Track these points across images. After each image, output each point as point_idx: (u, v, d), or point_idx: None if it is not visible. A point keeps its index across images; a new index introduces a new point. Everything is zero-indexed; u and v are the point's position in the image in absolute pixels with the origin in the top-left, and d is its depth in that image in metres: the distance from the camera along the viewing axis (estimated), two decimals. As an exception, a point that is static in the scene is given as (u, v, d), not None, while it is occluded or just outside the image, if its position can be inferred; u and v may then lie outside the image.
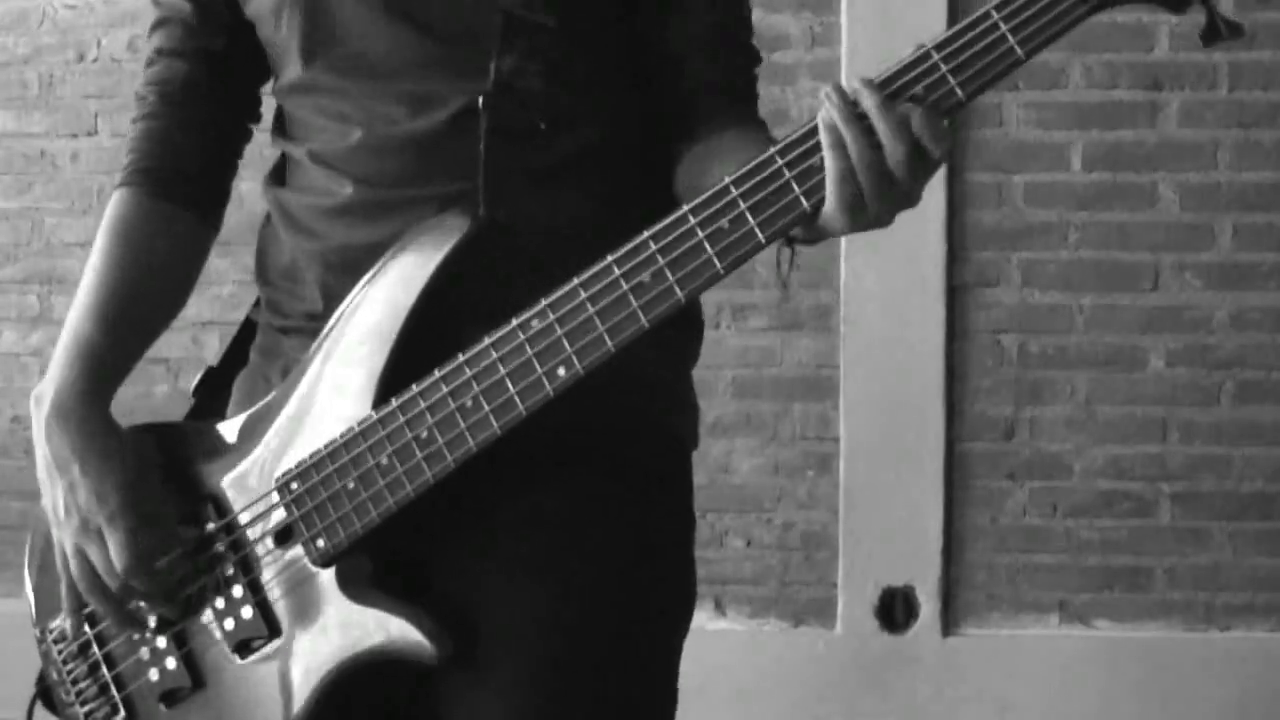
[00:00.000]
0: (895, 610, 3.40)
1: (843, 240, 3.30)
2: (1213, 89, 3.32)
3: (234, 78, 1.50)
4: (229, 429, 1.41)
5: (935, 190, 2.15)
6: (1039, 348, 3.38)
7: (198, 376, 1.57)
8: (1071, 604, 3.42)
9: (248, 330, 1.55)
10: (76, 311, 1.46)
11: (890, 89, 1.17)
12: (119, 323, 1.45)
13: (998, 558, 3.42)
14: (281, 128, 1.49)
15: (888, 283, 3.35)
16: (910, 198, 1.19)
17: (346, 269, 1.37)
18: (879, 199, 1.17)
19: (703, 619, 3.42)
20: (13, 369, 3.59)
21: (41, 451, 1.45)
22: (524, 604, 1.34)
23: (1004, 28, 1.13)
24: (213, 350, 3.42)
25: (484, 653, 1.33)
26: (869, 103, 1.16)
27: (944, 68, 1.16)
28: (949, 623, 3.41)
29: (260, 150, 1.58)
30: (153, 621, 1.41)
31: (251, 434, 1.38)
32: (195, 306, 3.56)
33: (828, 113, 1.17)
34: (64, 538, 1.41)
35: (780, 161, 1.19)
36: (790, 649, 3.43)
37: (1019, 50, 1.13)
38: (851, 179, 1.17)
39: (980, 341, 3.39)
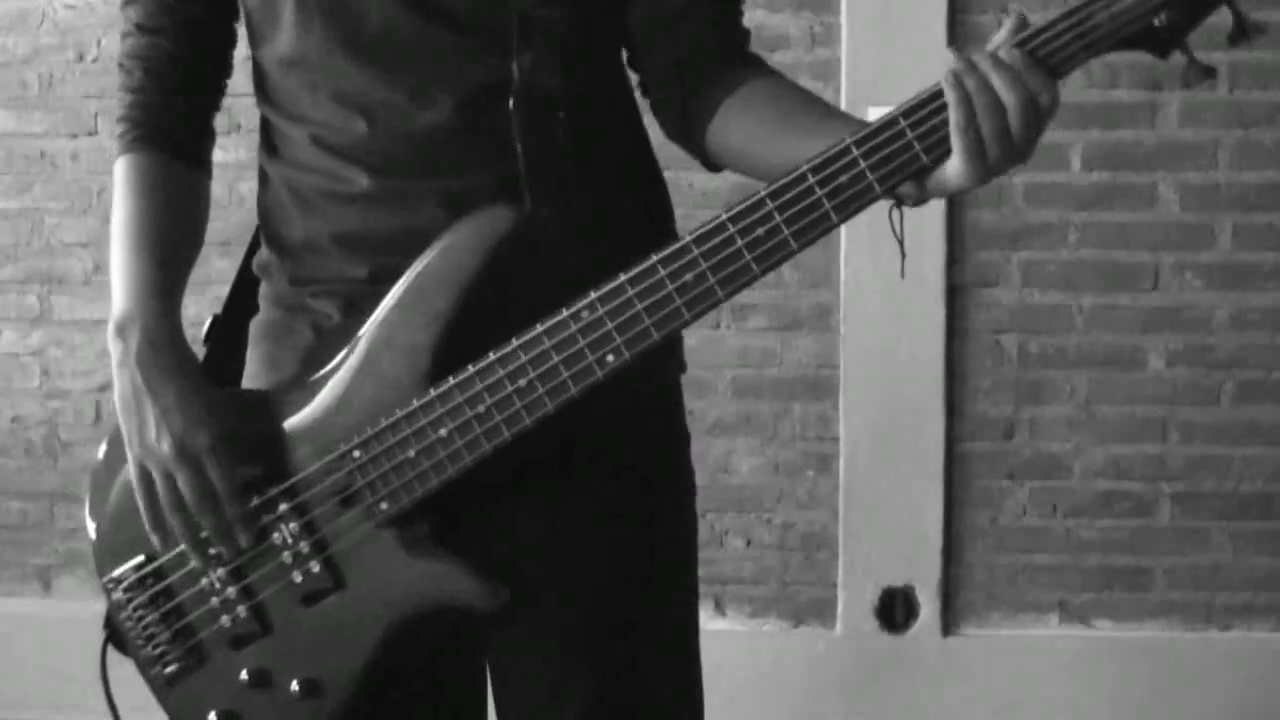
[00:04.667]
0: (895, 610, 3.40)
1: (843, 240, 3.31)
2: (1213, 89, 3.31)
3: (211, 43, 1.58)
4: (284, 397, 1.50)
5: (935, 190, 2.16)
6: (1039, 348, 3.38)
7: (205, 325, 1.64)
8: (1071, 604, 3.42)
9: (247, 280, 1.64)
10: (126, 255, 1.52)
11: (999, 50, 1.30)
12: (169, 261, 1.54)
13: (998, 558, 3.42)
14: (265, 93, 1.55)
15: (888, 283, 3.34)
16: (1023, 149, 1.30)
17: (374, 249, 1.48)
18: (998, 145, 1.29)
19: (702, 619, 3.40)
20: (13, 369, 3.59)
21: (128, 378, 1.48)
22: (563, 558, 1.53)
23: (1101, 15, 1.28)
24: (213, 350, 3.42)
25: (528, 599, 1.50)
26: (985, 61, 1.29)
27: (1043, 37, 1.29)
28: (949, 623, 3.41)
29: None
30: (221, 564, 1.50)
31: (307, 404, 1.48)
32: (195, 307, 3.53)
33: (953, 66, 1.28)
34: (152, 464, 1.47)
35: (904, 122, 1.31)
36: (790, 649, 3.43)
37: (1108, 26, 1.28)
38: (973, 126, 1.28)
39: (980, 341, 3.39)
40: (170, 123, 1.56)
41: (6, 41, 3.53)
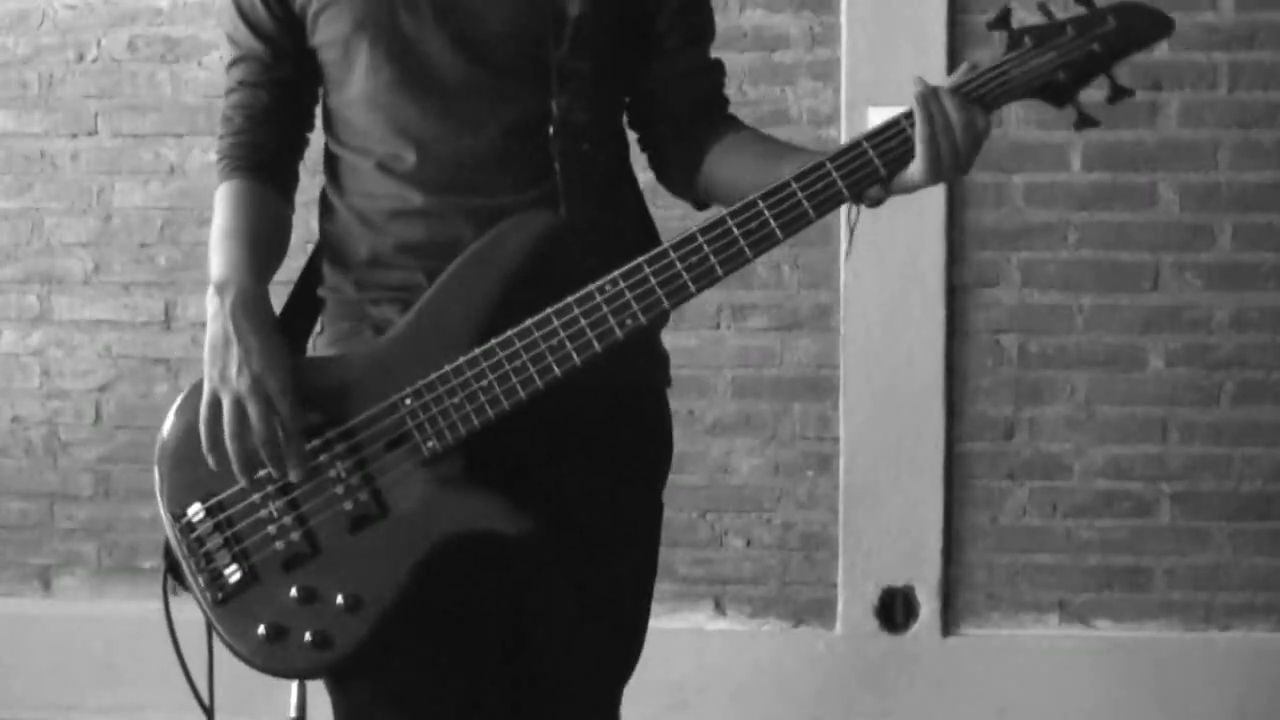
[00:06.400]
0: (895, 610, 3.40)
1: (842, 241, 3.31)
2: (1213, 89, 3.32)
3: (299, 97, 1.89)
4: (348, 361, 1.76)
5: (935, 190, 2.16)
6: (1039, 348, 3.38)
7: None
8: (1071, 604, 3.42)
9: (309, 297, 1.88)
10: (223, 245, 1.79)
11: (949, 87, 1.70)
12: (259, 253, 1.80)
13: (998, 558, 3.42)
14: (336, 134, 1.85)
15: (888, 283, 3.35)
16: (964, 162, 1.68)
17: (431, 255, 1.75)
18: (950, 154, 1.66)
19: (703, 619, 3.42)
20: (13, 369, 3.59)
21: (220, 327, 1.74)
22: (590, 499, 1.82)
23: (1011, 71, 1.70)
24: (213, 350, 3.42)
25: (555, 539, 1.77)
26: (941, 90, 1.67)
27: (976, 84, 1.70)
28: (949, 623, 3.42)
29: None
30: (273, 488, 1.73)
31: (367, 364, 1.74)
32: (195, 308, 3.57)
33: (922, 90, 1.66)
34: (226, 394, 1.72)
35: (867, 144, 1.68)
36: (790, 649, 3.43)
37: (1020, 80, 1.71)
38: (934, 137, 1.65)
39: (980, 341, 3.39)
40: (264, 159, 1.86)
41: (6, 41, 3.53)
